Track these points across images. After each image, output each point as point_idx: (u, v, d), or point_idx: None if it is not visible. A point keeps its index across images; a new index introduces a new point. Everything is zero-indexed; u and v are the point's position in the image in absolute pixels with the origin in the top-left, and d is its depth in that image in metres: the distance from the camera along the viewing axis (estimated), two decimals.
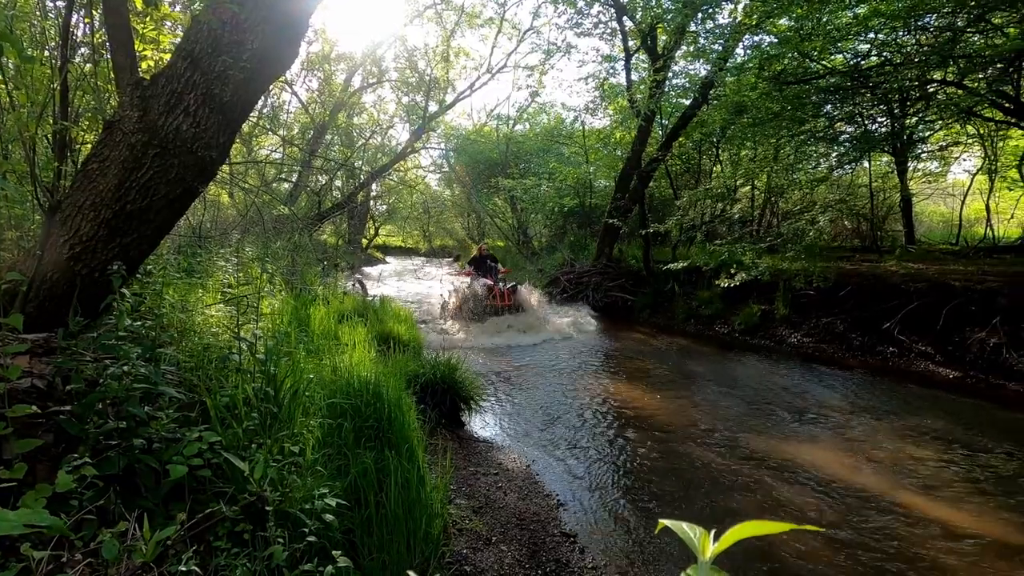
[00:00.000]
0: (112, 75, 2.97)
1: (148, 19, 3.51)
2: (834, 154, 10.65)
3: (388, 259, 28.47)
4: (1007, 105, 7.84)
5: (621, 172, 12.71)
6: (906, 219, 11.49)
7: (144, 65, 3.55)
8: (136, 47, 3.07)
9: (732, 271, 8.82)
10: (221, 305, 3.50)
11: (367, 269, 21.02)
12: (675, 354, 8.20)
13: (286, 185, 15.36)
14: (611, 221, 12.08)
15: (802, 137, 10.19)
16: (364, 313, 5.98)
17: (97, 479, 1.72)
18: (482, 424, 5.15)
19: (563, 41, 17.30)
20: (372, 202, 24.03)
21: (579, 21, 12.82)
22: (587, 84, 16.27)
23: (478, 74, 18.68)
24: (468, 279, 10.97)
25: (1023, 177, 9.06)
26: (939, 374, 6.83)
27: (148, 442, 1.95)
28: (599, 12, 12.52)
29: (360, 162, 18.57)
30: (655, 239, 12.20)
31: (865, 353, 7.68)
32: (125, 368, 2.01)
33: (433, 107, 18.37)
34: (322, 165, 15.53)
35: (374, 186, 21.10)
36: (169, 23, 3.82)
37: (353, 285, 10.81)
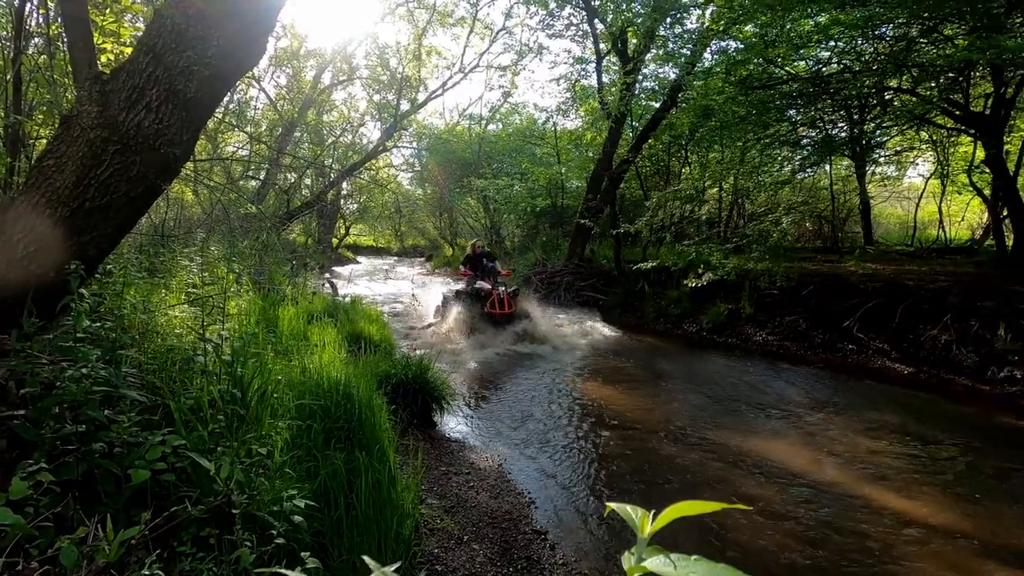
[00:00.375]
0: (69, 68, 2.88)
1: (108, 11, 3.40)
2: (797, 158, 10.99)
3: (359, 259, 28.14)
4: (957, 113, 8.22)
5: (593, 173, 12.85)
6: (865, 221, 11.92)
7: (103, 59, 3.44)
8: (95, 40, 2.98)
9: (700, 271, 9.02)
10: (185, 306, 3.42)
11: (337, 269, 20.73)
12: (645, 352, 8.34)
13: (253, 183, 15.04)
14: (583, 221, 12.20)
15: (767, 140, 10.48)
16: (334, 313, 5.91)
17: (54, 485, 1.67)
18: (454, 424, 5.15)
19: (535, 42, 17.41)
20: (342, 201, 23.70)
21: (551, 23, 12.92)
22: (559, 85, 16.40)
23: (450, 73, 18.62)
24: (469, 282, 9.55)
25: (971, 182, 9.51)
26: (895, 370, 7.11)
27: (108, 446, 1.90)
28: (570, 14, 12.65)
29: (330, 160, 18.30)
30: (626, 239, 12.37)
31: (826, 350, 7.95)
32: (84, 370, 1.95)
33: (405, 105, 18.23)
34: (291, 163, 15.25)
35: (344, 185, 20.84)
36: (130, 16, 3.71)
37: (323, 285, 10.66)
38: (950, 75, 7.96)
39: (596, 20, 12.02)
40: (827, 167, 12.19)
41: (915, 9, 6.75)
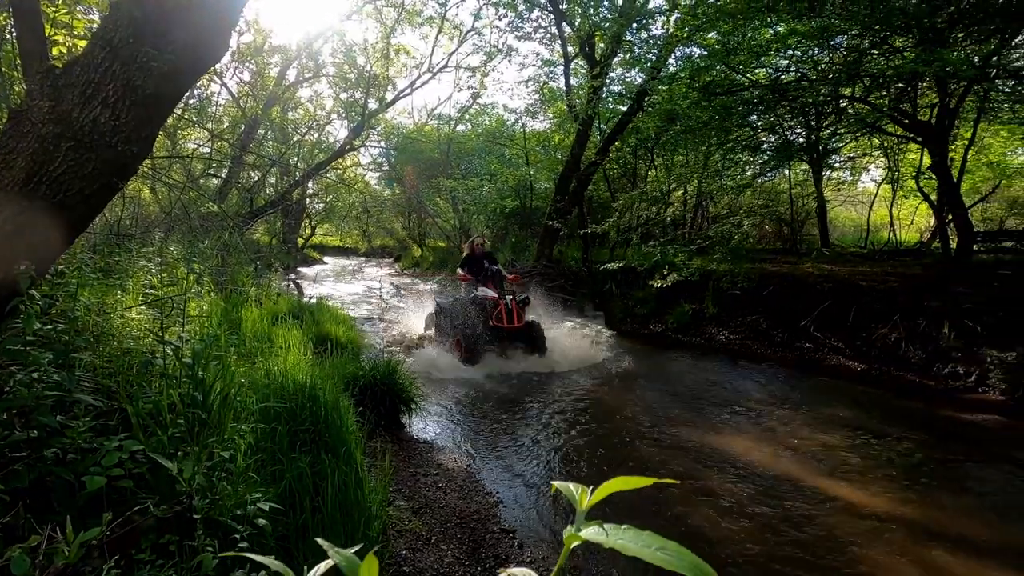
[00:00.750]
0: (18, 61, 2.76)
1: (60, 2, 3.28)
2: (758, 162, 11.33)
3: (325, 259, 27.66)
4: (905, 121, 8.62)
5: (561, 174, 12.98)
6: (821, 224, 12.38)
7: (55, 51, 3.31)
8: (46, 31, 2.87)
9: (665, 272, 9.21)
10: (143, 307, 3.32)
11: (303, 269, 20.35)
12: (612, 352, 8.46)
13: (215, 181, 14.62)
14: (551, 222, 12.30)
15: (729, 145, 10.78)
16: (300, 315, 5.81)
17: (3, 494, 1.61)
18: (423, 425, 5.13)
19: (504, 44, 17.47)
20: (308, 200, 23.28)
21: (519, 25, 13.01)
22: (528, 87, 16.59)
23: (419, 73, 18.51)
24: (468, 288, 8.19)
25: (919, 188, 9.99)
26: (848, 367, 7.40)
27: (61, 453, 1.84)
28: (539, 17, 12.74)
29: (295, 159, 17.95)
30: (593, 240, 12.53)
31: (785, 349, 8.22)
32: (35, 375, 1.88)
33: (373, 104, 18.02)
34: (254, 161, 14.90)
35: (310, 184, 20.46)
36: (83, 7, 3.58)
37: (288, 286, 10.47)
38: (899, 85, 8.35)
39: (564, 24, 12.15)
40: (786, 171, 12.61)
41: (866, 22, 7.06)
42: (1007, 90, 8.49)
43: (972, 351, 6.58)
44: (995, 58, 7.36)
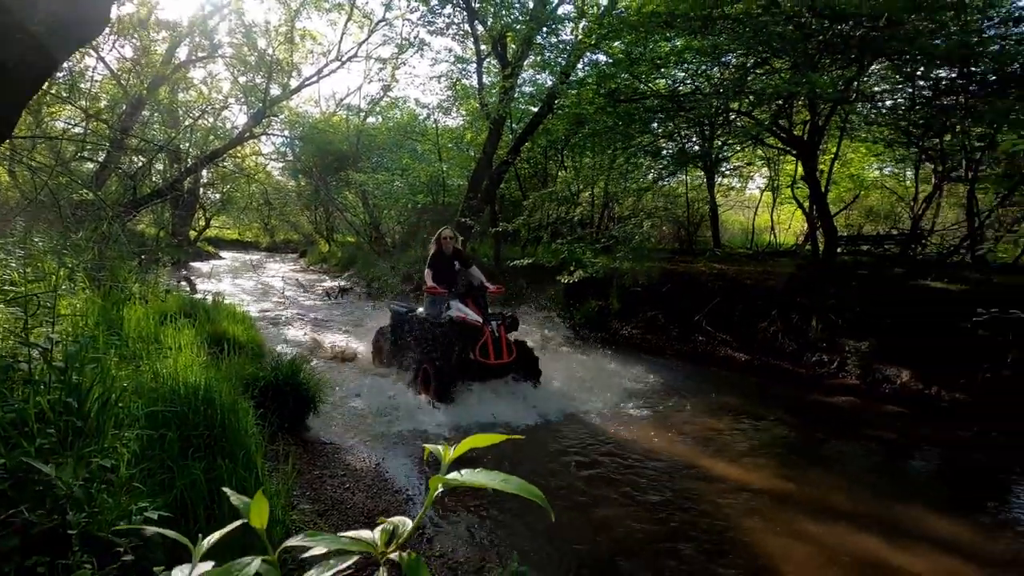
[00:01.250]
0: None
1: None
2: (659, 166, 12.06)
3: (222, 254, 25.84)
4: (783, 135, 9.57)
5: (473, 172, 13.04)
6: (713, 226, 13.41)
7: None
8: None
9: (572, 269, 9.56)
10: (1, 306, 2.96)
11: (196, 264, 18.90)
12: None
13: (90, 166, 13.17)
14: (463, 219, 12.33)
15: (632, 150, 11.37)
16: (192, 313, 5.41)
17: None
18: (329, 426, 4.98)
19: (416, 38, 17.16)
20: (202, 190, 21.59)
21: (432, 19, 12.87)
22: (440, 83, 16.39)
23: (326, 60, 17.79)
24: (435, 304, 5.99)
25: (794, 196, 11.13)
26: (736, 358, 8.11)
27: None
28: (452, 14, 12.69)
29: (187, 145, 16.58)
30: (505, 238, 12.71)
31: (681, 342, 8.84)
32: None
33: (276, 90, 17.06)
34: (138, 145, 13.57)
35: (204, 172, 18.99)
36: None
37: (179, 282, 9.69)
38: (779, 103, 9.24)
39: (476, 22, 12.20)
40: (683, 177, 13.52)
41: (750, 43, 7.76)
42: (863, 112, 9.68)
43: (834, 342, 7.45)
44: (854, 83, 8.37)
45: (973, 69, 8.08)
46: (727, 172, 14.87)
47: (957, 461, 4.95)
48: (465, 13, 12.32)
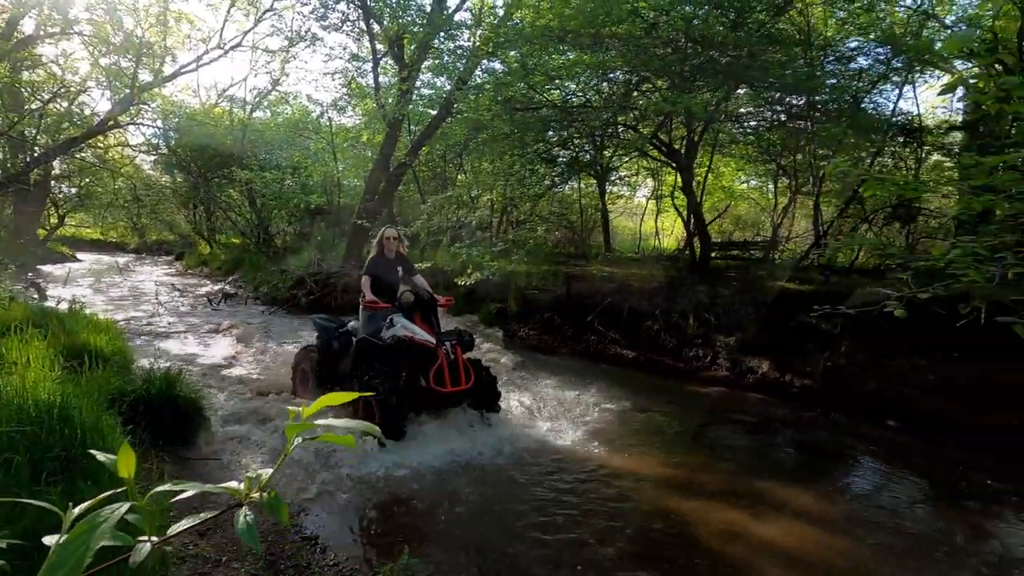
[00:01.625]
0: None
1: None
2: (553, 174, 12.56)
3: (80, 256, 23.01)
4: (664, 148, 10.40)
5: (371, 173, 12.76)
6: (605, 232, 14.20)
7: None
8: None
9: (470, 271, 9.69)
10: None
11: (48, 268, 16.69)
12: None
13: None
14: (360, 222, 12.03)
15: (528, 156, 11.75)
16: (43, 323, 4.82)
17: None
18: (210, 439, 4.66)
19: (308, 32, 16.40)
20: (54, 183, 19.08)
21: (325, 14, 12.43)
22: (335, 80, 15.87)
23: (207, 48, 16.48)
24: (372, 321, 5.17)
25: (674, 204, 12.12)
26: (624, 355, 8.64)
27: None
28: (346, 11, 12.34)
29: (34, 131, 14.59)
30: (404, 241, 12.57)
31: (575, 341, 9.27)
32: None
33: (147, 76, 15.51)
34: None
35: (57, 163, 16.80)
36: None
37: (26, 288, 8.54)
38: (659, 119, 10.03)
39: (372, 21, 11.97)
40: (577, 184, 14.19)
41: (633, 63, 8.37)
42: (731, 131, 10.79)
43: (708, 338, 8.21)
44: (722, 105, 9.31)
45: (817, 98, 9.33)
46: (617, 181, 15.82)
47: (805, 439, 5.70)
48: (360, 11, 12.04)
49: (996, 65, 8.24)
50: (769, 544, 3.54)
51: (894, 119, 9.32)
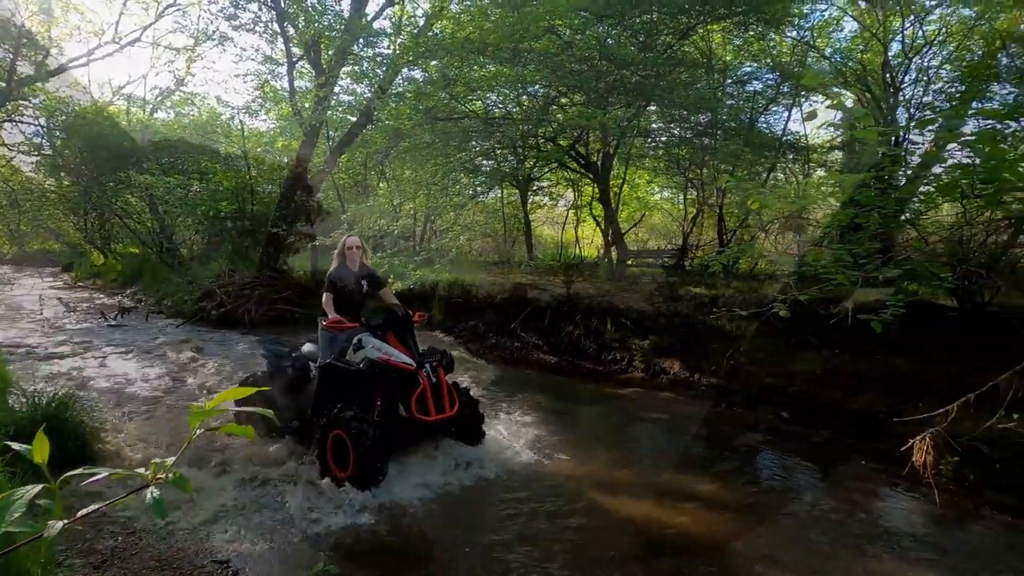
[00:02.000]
0: None
1: None
2: (475, 183, 12.70)
3: None
4: (582, 160, 10.84)
5: (287, 180, 12.29)
6: (527, 240, 14.52)
7: None
8: None
9: (392, 281, 9.59)
10: None
11: None
12: None
13: None
14: (276, 230, 11.55)
15: (451, 165, 11.82)
16: None
17: None
18: (110, 463, 4.31)
19: (216, 31, 15.57)
20: None
21: (235, 13, 11.89)
22: (246, 82, 15.16)
23: (99, 41, 15.26)
24: (333, 343, 4.61)
25: (592, 214, 12.62)
26: (546, 360, 8.87)
27: None
28: (259, 11, 11.87)
29: None
30: (324, 251, 12.19)
31: (499, 348, 9.39)
32: None
33: (27, 69, 14.07)
34: None
35: None
36: None
37: None
38: (576, 132, 10.46)
39: (287, 23, 11.59)
40: (500, 193, 14.42)
41: (551, 78, 8.69)
42: (643, 145, 11.42)
43: (624, 341, 8.61)
44: (634, 121, 9.85)
45: (718, 117, 10.11)
46: (539, 191, 16.23)
47: (710, 433, 6.12)
48: (274, 12, 11.62)
49: (866, 93, 9.30)
50: (677, 531, 3.80)
51: (784, 138, 10.29)
